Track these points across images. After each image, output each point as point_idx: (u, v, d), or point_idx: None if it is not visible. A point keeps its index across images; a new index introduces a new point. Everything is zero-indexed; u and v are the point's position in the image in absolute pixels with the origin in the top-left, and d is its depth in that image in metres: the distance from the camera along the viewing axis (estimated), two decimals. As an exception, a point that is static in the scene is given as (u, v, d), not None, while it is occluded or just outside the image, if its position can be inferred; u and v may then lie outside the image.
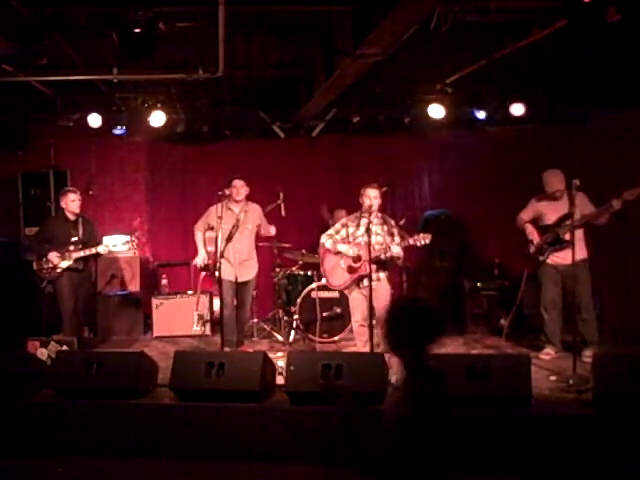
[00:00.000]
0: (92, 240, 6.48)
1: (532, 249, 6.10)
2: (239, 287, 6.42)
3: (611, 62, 6.17)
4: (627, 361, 4.37)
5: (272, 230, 6.67)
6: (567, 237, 5.82)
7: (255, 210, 6.56)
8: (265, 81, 7.32)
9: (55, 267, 6.32)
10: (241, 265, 6.37)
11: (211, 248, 6.39)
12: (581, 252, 5.82)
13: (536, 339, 6.32)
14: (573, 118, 7.59)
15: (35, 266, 6.46)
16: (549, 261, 5.98)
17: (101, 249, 6.33)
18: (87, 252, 6.35)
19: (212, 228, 6.38)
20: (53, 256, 6.31)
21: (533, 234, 6.08)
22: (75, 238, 6.40)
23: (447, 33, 4.50)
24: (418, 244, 5.63)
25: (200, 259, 6.43)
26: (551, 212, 6.02)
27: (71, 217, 6.46)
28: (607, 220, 5.81)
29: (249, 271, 6.49)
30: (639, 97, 6.75)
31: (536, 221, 6.16)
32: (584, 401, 4.43)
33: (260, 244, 6.90)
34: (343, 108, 7.64)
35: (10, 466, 4.35)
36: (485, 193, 8.27)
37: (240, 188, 6.38)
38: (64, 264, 6.33)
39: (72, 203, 6.42)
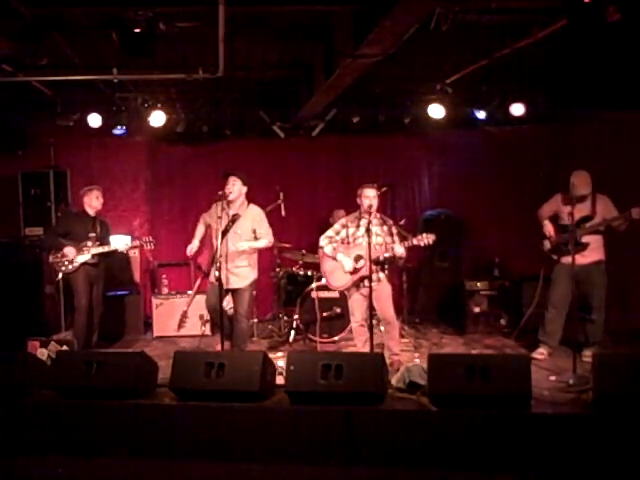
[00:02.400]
0: (107, 239, 6.56)
1: (547, 246, 6.07)
2: (231, 295, 6.03)
3: (611, 62, 6.18)
4: (627, 361, 4.36)
5: (262, 242, 5.94)
6: (584, 240, 5.81)
7: (250, 215, 5.94)
8: (265, 81, 7.32)
9: (72, 261, 6.34)
10: (230, 271, 5.80)
11: (198, 243, 6.17)
12: (598, 254, 5.83)
13: (535, 338, 6.30)
14: (573, 118, 7.59)
15: (51, 259, 6.46)
16: (564, 260, 5.91)
17: (120, 246, 6.46)
18: (106, 248, 6.41)
19: (209, 226, 6.10)
20: (68, 251, 6.32)
21: (550, 232, 6.03)
22: (93, 234, 6.44)
23: (447, 33, 4.50)
24: (422, 244, 5.60)
25: (189, 247, 6.06)
26: (571, 212, 5.92)
27: (91, 213, 6.51)
28: (625, 227, 5.77)
29: (240, 279, 5.90)
30: (639, 97, 6.75)
31: (556, 217, 6.08)
32: (584, 401, 4.43)
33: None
34: (343, 108, 7.64)
35: (10, 466, 4.34)
36: (485, 193, 8.28)
37: (231, 185, 5.79)
38: (81, 258, 6.35)
39: (96, 200, 6.50)
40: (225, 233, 5.72)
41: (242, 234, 5.87)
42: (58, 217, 7.43)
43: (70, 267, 6.37)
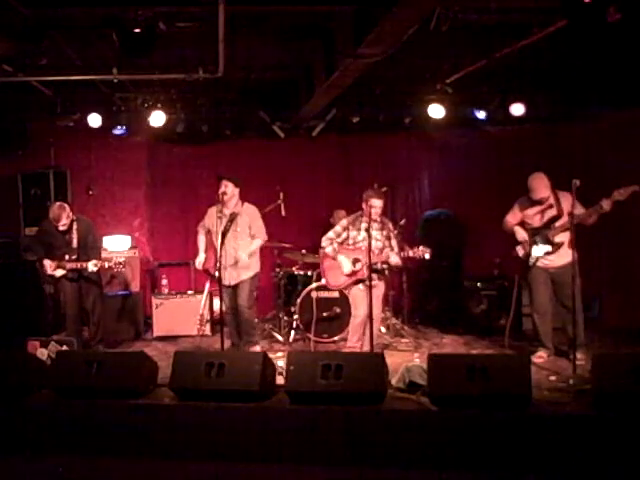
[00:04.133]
0: (89, 244, 6.38)
1: (522, 252, 6.03)
2: (234, 290, 6.30)
3: (611, 62, 6.18)
4: (627, 361, 4.36)
5: (256, 243, 6.25)
6: (557, 239, 5.79)
7: (247, 213, 6.26)
8: (265, 81, 7.32)
9: (51, 274, 6.31)
10: (233, 268, 6.15)
11: (204, 254, 6.34)
12: (570, 255, 5.78)
13: (530, 342, 6.27)
14: (573, 118, 7.59)
15: (37, 266, 6.45)
16: (539, 264, 5.93)
17: (90, 266, 6.14)
18: (78, 266, 6.22)
19: (209, 231, 6.33)
20: (47, 264, 6.28)
21: (524, 236, 6.02)
22: (68, 248, 6.27)
23: (447, 33, 4.50)
24: (417, 257, 5.78)
25: (197, 261, 6.34)
26: (539, 214, 5.94)
27: (61, 227, 6.30)
28: (595, 220, 5.71)
29: (241, 273, 6.21)
30: (639, 97, 6.74)
31: (522, 223, 6.08)
32: (584, 401, 4.42)
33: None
34: (343, 108, 7.64)
35: (10, 466, 4.35)
36: (485, 193, 8.28)
37: (223, 188, 6.11)
38: (58, 273, 6.29)
39: (55, 222, 6.21)
40: (225, 233, 5.95)
41: (241, 231, 6.17)
42: (39, 225, 6.87)
43: (52, 278, 6.36)
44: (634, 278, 7.38)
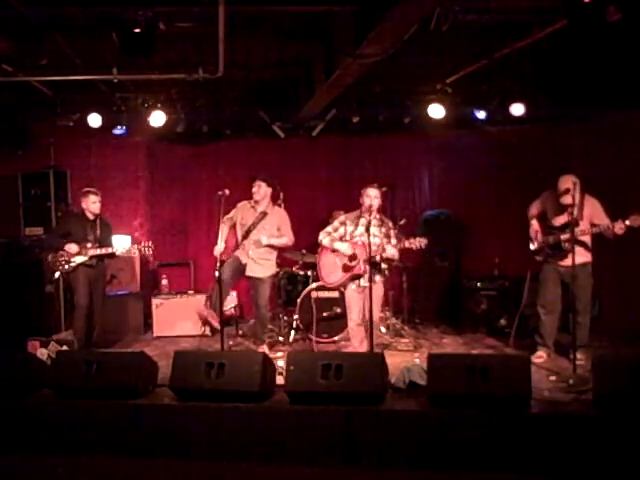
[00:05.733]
0: (107, 241, 6.53)
1: (532, 247, 6.06)
2: (251, 282, 6.51)
3: (611, 62, 6.18)
4: (627, 361, 4.37)
5: (283, 239, 6.50)
6: (568, 246, 5.62)
7: (277, 215, 6.55)
8: (265, 81, 7.32)
9: (69, 260, 6.33)
10: (254, 261, 6.39)
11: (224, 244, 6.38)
12: (584, 255, 5.74)
13: (533, 341, 6.26)
14: (573, 118, 7.59)
15: (50, 258, 6.45)
16: (551, 262, 5.93)
17: (120, 249, 6.42)
18: (104, 251, 6.38)
19: (233, 225, 6.50)
20: (71, 247, 6.31)
21: (536, 233, 6.02)
22: (92, 236, 6.43)
23: (447, 33, 4.50)
24: (414, 247, 5.70)
25: (216, 249, 6.27)
26: (560, 214, 5.85)
27: (90, 217, 6.49)
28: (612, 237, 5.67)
29: (261, 269, 6.43)
30: (639, 97, 6.74)
31: (545, 214, 6.01)
32: (584, 401, 4.43)
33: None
34: (343, 108, 7.64)
35: (10, 466, 4.35)
36: (485, 193, 8.28)
37: (257, 188, 6.42)
38: (79, 259, 6.33)
39: (93, 205, 6.47)
40: (253, 227, 6.37)
41: (269, 229, 6.45)
42: (58, 218, 7.43)
43: (67, 267, 6.36)
44: (634, 279, 7.37)
